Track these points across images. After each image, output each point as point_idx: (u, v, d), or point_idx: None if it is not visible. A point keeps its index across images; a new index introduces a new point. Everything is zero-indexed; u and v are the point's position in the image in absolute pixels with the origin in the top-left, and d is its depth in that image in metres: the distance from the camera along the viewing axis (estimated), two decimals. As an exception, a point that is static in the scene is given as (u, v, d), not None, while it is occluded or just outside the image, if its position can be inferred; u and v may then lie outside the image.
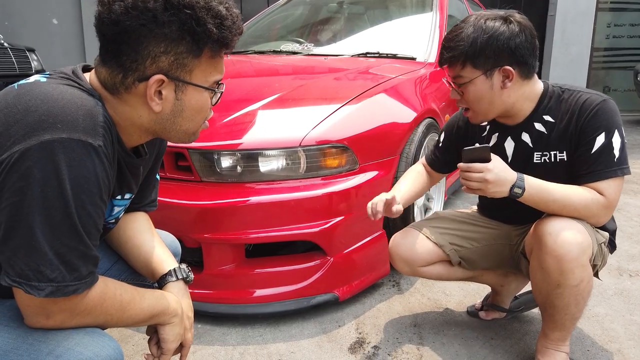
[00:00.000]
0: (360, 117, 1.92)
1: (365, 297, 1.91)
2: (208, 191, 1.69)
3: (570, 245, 1.24)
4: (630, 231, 2.62)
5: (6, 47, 4.71)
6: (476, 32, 1.30)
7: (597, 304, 1.86)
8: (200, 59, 0.90)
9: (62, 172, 0.77)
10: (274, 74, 2.58)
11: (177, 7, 0.84)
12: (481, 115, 1.39)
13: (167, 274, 1.09)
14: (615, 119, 1.30)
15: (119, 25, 0.84)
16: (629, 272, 2.13)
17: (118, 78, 0.88)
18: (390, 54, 2.71)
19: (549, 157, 1.39)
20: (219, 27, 0.87)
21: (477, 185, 1.29)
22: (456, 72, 1.35)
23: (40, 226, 0.77)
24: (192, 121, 0.95)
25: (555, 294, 1.30)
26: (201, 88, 0.92)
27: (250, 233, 1.67)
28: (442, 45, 1.37)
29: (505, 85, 1.32)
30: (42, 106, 0.79)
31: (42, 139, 0.76)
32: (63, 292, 0.80)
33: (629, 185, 3.53)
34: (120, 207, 1.06)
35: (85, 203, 0.80)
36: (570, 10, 6.67)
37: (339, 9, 3.41)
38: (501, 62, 1.30)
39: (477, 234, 1.58)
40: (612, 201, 1.28)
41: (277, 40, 3.20)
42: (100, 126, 0.82)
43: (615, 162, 1.28)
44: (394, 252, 1.58)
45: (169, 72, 0.88)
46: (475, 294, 1.92)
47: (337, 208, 1.74)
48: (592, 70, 7.12)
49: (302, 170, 1.73)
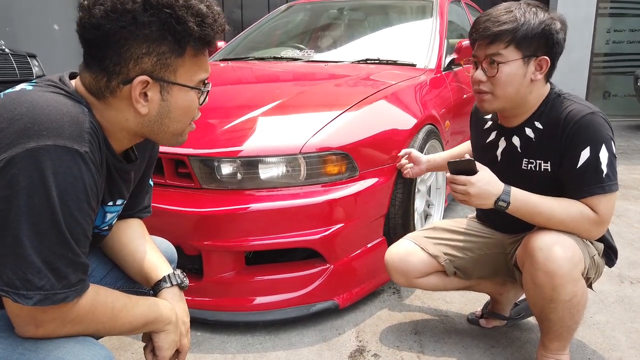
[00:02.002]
0: (360, 124, 1.92)
1: (366, 305, 1.90)
2: (208, 198, 1.69)
3: (560, 260, 1.24)
4: (631, 237, 2.61)
5: (7, 53, 4.72)
6: (529, 14, 1.29)
7: (598, 312, 1.86)
8: (183, 58, 0.90)
9: (48, 180, 0.77)
10: (275, 81, 2.59)
11: (157, 7, 0.84)
12: (500, 101, 1.35)
13: (162, 280, 1.09)
14: (602, 133, 1.27)
15: (100, 29, 0.84)
16: (630, 280, 2.12)
17: (102, 82, 0.88)
18: (390, 60, 2.72)
19: (535, 165, 1.39)
20: (199, 25, 0.87)
21: (461, 197, 1.31)
22: (495, 50, 1.30)
23: (27, 234, 0.77)
24: (179, 122, 0.95)
25: (549, 308, 1.30)
26: (187, 87, 0.92)
27: (251, 240, 1.67)
28: (486, 18, 1.32)
29: (535, 77, 1.32)
30: (28, 114, 0.79)
31: (28, 147, 0.76)
32: (52, 300, 0.80)
33: (629, 191, 3.53)
34: (113, 214, 1.06)
35: (72, 210, 0.80)
36: (570, 16, 6.63)
37: (340, 16, 3.42)
38: (541, 51, 1.30)
39: (471, 243, 1.58)
40: (603, 217, 1.28)
41: (278, 47, 3.21)
42: (86, 132, 0.82)
43: (603, 179, 1.27)
44: (389, 263, 1.59)
45: (153, 73, 0.88)
46: (476, 301, 1.92)
47: (337, 215, 1.74)
48: (592, 75, 7.12)
49: (302, 177, 1.73)
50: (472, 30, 1.36)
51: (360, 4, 3.52)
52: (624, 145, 5.22)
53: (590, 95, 7.18)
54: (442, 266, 1.56)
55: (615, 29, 7.22)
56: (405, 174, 1.89)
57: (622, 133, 6.00)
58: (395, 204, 1.95)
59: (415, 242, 1.59)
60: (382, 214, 1.93)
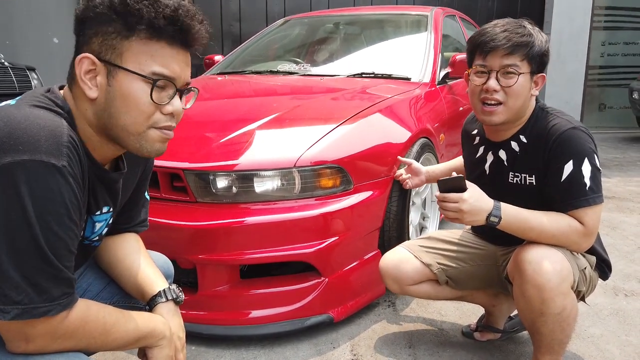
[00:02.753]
0: (355, 138, 1.94)
1: (361, 318, 1.90)
2: (203, 212, 1.70)
3: (549, 274, 1.25)
4: (626, 250, 2.62)
5: (7, 66, 4.75)
6: (540, 34, 1.36)
7: (593, 325, 1.86)
8: (130, 41, 0.87)
9: (23, 195, 0.77)
10: (271, 94, 2.61)
11: None
12: (509, 113, 1.37)
13: (157, 295, 1.09)
14: (585, 146, 1.30)
15: (77, 20, 0.90)
16: (625, 292, 2.13)
17: (69, 70, 0.91)
18: (385, 74, 2.74)
19: (520, 179, 1.41)
20: (151, 6, 0.86)
21: (454, 215, 1.31)
22: (514, 61, 1.33)
23: (5, 250, 0.77)
24: (126, 114, 0.89)
25: (539, 321, 1.31)
26: (133, 74, 0.88)
27: (245, 254, 1.67)
28: (502, 30, 1.34)
29: (534, 93, 1.39)
30: (4, 129, 0.79)
31: (3, 162, 0.76)
32: (31, 314, 0.80)
33: (625, 203, 3.54)
34: (102, 222, 1.06)
35: (51, 225, 0.80)
36: (565, 29, 6.76)
37: (336, 30, 3.46)
38: (540, 69, 1.37)
39: (464, 254, 1.59)
40: (590, 228, 1.30)
41: (275, 60, 3.24)
42: (64, 146, 0.82)
43: (586, 192, 1.28)
44: (383, 270, 1.61)
45: (100, 54, 0.88)
46: (471, 314, 1.92)
47: (331, 228, 1.75)
48: (587, 87, 7.18)
49: (297, 191, 1.74)
50: (483, 39, 1.35)
51: (356, 19, 3.56)
52: (620, 157, 5.25)
53: (585, 107, 7.23)
54: (434, 275, 1.58)
55: (610, 42, 7.30)
56: (405, 185, 1.90)
57: (618, 145, 6.04)
58: (390, 217, 1.96)
59: (410, 250, 1.61)
60: (376, 227, 1.94)
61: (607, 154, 5.41)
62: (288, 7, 6.76)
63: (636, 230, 2.93)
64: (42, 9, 6.56)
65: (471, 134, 1.59)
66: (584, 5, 6.72)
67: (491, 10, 7.08)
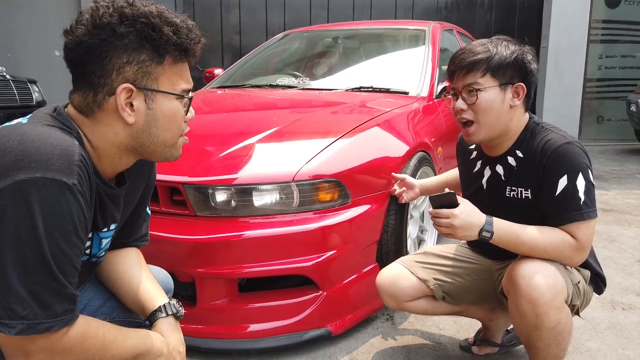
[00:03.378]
0: (353, 152, 1.96)
1: (359, 332, 1.90)
2: (202, 225, 1.71)
3: (542, 288, 1.26)
4: (624, 263, 2.63)
5: (8, 79, 4.79)
6: (501, 46, 1.37)
7: (590, 339, 1.86)
8: (163, 66, 0.94)
9: (34, 211, 0.79)
10: (270, 108, 2.63)
11: (132, 19, 0.90)
12: (484, 130, 1.39)
13: (157, 310, 1.10)
14: (579, 161, 1.32)
15: (82, 46, 0.89)
16: (622, 306, 2.13)
17: (90, 98, 0.92)
18: (383, 88, 2.77)
19: (517, 193, 1.42)
20: (175, 33, 0.93)
21: (446, 230, 1.33)
22: (473, 79, 1.37)
23: (13, 264, 0.79)
24: (167, 131, 0.98)
25: (534, 335, 1.32)
26: (170, 95, 0.96)
27: (244, 267, 1.68)
28: (462, 52, 1.40)
29: (514, 104, 1.38)
30: (19, 147, 0.81)
31: (17, 179, 0.79)
32: (35, 330, 0.81)
33: (623, 216, 3.55)
34: (107, 239, 1.07)
35: (59, 241, 0.82)
36: (563, 43, 6.82)
37: (335, 44, 3.50)
38: (516, 79, 1.37)
39: (460, 269, 1.60)
40: (583, 243, 1.31)
41: (274, 74, 3.27)
42: (75, 165, 0.84)
43: (581, 206, 1.30)
44: (380, 286, 1.61)
45: (135, 81, 0.92)
46: (469, 328, 1.92)
47: (329, 242, 1.76)
48: (585, 100, 7.24)
49: (295, 205, 1.75)
50: (449, 63, 1.43)
51: (355, 33, 3.61)
52: (618, 170, 5.27)
53: (584, 120, 7.28)
54: (431, 290, 1.58)
55: (607, 55, 7.36)
56: (401, 200, 1.92)
57: (617, 157, 6.06)
58: (387, 230, 1.97)
59: (406, 266, 1.61)
60: (374, 241, 1.95)
61: (605, 167, 5.43)
62: (288, 20, 6.84)
63: (634, 243, 2.94)
64: (44, 22, 6.63)
65: (468, 148, 1.61)
66: (581, 18, 6.79)
67: (489, 23, 7.15)
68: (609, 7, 7.24)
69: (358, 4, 6.93)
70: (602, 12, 7.23)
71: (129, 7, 0.91)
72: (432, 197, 1.35)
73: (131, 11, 0.90)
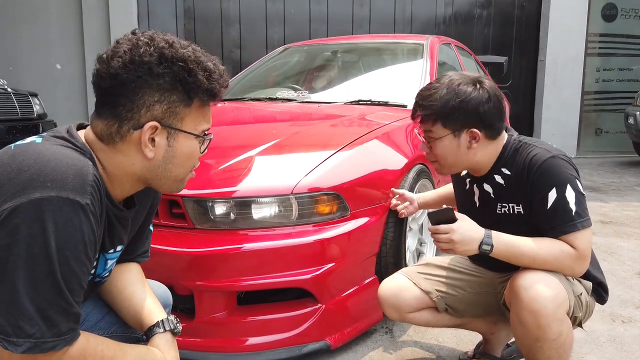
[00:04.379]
0: (351, 164, 1.97)
1: (358, 345, 1.90)
2: (201, 238, 1.71)
3: (544, 300, 1.26)
4: (623, 275, 2.63)
5: (9, 92, 4.82)
6: (449, 94, 1.38)
7: (590, 352, 1.85)
8: (190, 108, 0.97)
9: (48, 230, 0.80)
10: (270, 121, 2.65)
11: (171, 61, 0.92)
12: (446, 169, 1.48)
13: (155, 325, 1.10)
14: (565, 174, 1.33)
15: (117, 79, 0.90)
16: (622, 318, 2.13)
17: (114, 128, 0.93)
18: (382, 101, 2.79)
19: (508, 208, 1.44)
20: (208, 79, 0.96)
21: (446, 246, 1.34)
22: (427, 128, 1.43)
23: (23, 282, 0.79)
24: (182, 167, 1.01)
25: (536, 347, 1.31)
26: (191, 135, 0.99)
27: (243, 280, 1.68)
28: (416, 102, 1.46)
29: (471, 146, 1.40)
30: (35, 166, 0.83)
31: (32, 197, 0.80)
32: (41, 349, 0.81)
33: (622, 228, 3.55)
34: (113, 260, 1.09)
35: (69, 260, 0.83)
36: (560, 56, 6.88)
37: (334, 58, 3.53)
38: (469, 124, 1.38)
39: (463, 281, 1.60)
40: (582, 252, 1.31)
41: (274, 87, 3.30)
42: (89, 185, 0.86)
43: (573, 216, 1.31)
44: (382, 298, 1.60)
45: (162, 119, 0.94)
46: (468, 341, 1.92)
47: (328, 255, 1.76)
48: (583, 112, 7.28)
49: (294, 217, 1.76)
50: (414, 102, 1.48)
51: (354, 47, 3.64)
52: (617, 182, 5.28)
53: (582, 132, 7.32)
54: (434, 302, 1.58)
55: (605, 68, 7.42)
56: (401, 215, 1.92)
57: (615, 169, 6.08)
58: (386, 243, 1.97)
59: (409, 277, 1.61)
60: (373, 253, 1.95)
61: (604, 179, 5.44)
62: (287, 34, 6.90)
63: (633, 256, 2.94)
64: (45, 36, 6.69)
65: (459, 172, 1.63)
66: (578, 32, 6.86)
67: (487, 37, 7.22)
68: (606, 20, 7.32)
69: (357, 19, 7.00)
70: (599, 26, 7.30)
71: (169, 47, 0.93)
72: (430, 213, 1.37)
73: (170, 53, 0.92)
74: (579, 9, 6.81)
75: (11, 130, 4.63)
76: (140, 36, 0.93)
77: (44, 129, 5.08)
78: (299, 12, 6.95)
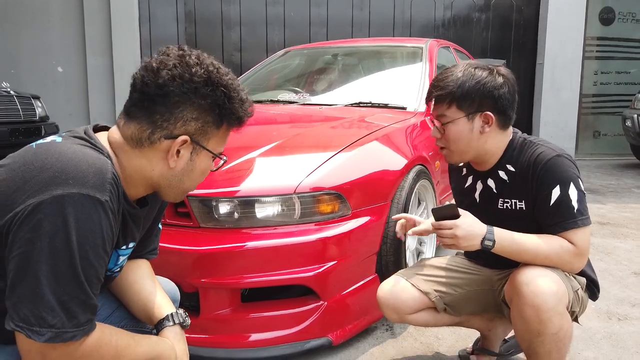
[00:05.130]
0: (353, 165, 2.01)
1: (359, 342, 1.93)
2: (206, 237, 1.75)
3: (546, 294, 1.30)
4: (620, 275, 2.67)
5: (12, 94, 4.86)
6: (465, 76, 1.41)
7: (586, 348, 1.89)
8: (219, 130, 1.05)
9: (69, 225, 0.84)
10: (271, 123, 2.69)
11: (216, 85, 0.99)
12: (456, 156, 1.49)
13: (164, 319, 1.15)
14: (569, 172, 1.38)
15: (163, 89, 0.96)
16: (618, 316, 2.17)
17: (146, 133, 0.98)
18: (382, 103, 2.83)
19: (510, 204, 1.48)
20: (241, 107, 1.04)
21: (449, 242, 1.38)
22: (441, 111, 1.44)
23: (46, 275, 0.83)
24: (193, 181, 1.08)
25: (536, 342, 1.35)
26: (210, 154, 1.06)
27: (247, 278, 1.72)
28: (432, 84, 1.47)
29: (484, 130, 1.43)
30: (57, 164, 0.88)
31: (54, 194, 0.84)
32: (62, 338, 0.85)
33: (619, 229, 3.59)
34: (124, 256, 1.13)
35: (88, 254, 0.87)
36: (558, 58, 6.93)
37: (334, 61, 3.57)
38: (483, 107, 1.41)
39: (460, 280, 1.63)
40: (581, 249, 1.36)
41: (275, 90, 3.34)
42: (108, 183, 0.90)
43: (575, 214, 1.35)
44: (381, 300, 1.63)
45: (193, 135, 1.00)
46: (467, 337, 1.95)
47: (330, 253, 1.80)
48: (581, 115, 7.33)
49: (296, 216, 1.80)
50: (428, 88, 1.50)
51: (354, 50, 3.69)
52: (614, 184, 5.32)
53: (580, 135, 7.37)
54: (432, 302, 1.61)
55: (602, 71, 7.48)
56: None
57: (613, 171, 6.12)
58: (387, 242, 2.01)
59: (407, 279, 1.63)
60: (374, 252, 1.99)
61: (602, 181, 5.48)
62: (287, 38, 6.95)
63: (630, 256, 2.98)
64: (47, 39, 6.72)
65: (458, 167, 1.67)
66: (576, 35, 6.91)
67: (485, 40, 7.27)
68: (603, 24, 7.38)
69: (356, 22, 7.05)
70: (597, 29, 7.36)
71: (216, 71, 1.00)
72: (434, 209, 1.40)
73: (217, 77, 0.99)
74: (577, 13, 6.87)
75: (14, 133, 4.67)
76: (191, 54, 0.99)
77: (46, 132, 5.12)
78: (299, 15, 7.00)
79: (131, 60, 6.60)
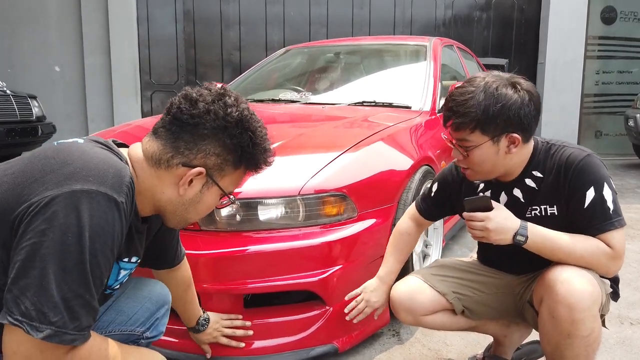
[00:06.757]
0: (358, 166, 1.95)
1: (365, 348, 1.88)
2: (207, 240, 1.69)
3: (582, 294, 1.24)
4: (629, 277, 2.61)
5: (9, 94, 4.80)
6: (488, 99, 1.30)
7: (599, 354, 1.83)
8: (235, 171, 1.06)
9: (83, 219, 0.83)
10: (273, 122, 2.63)
11: (244, 128, 1.02)
12: (481, 175, 1.42)
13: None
14: (601, 172, 1.33)
15: (195, 119, 0.99)
16: (630, 320, 2.11)
17: (166, 156, 1.00)
18: (386, 102, 2.78)
19: (540, 211, 1.41)
20: (262, 156, 1.06)
21: (480, 234, 1.32)
22: (463, 136, 1.34)
23: (54, 268, 0.81)
24: (198, 214, 1.09)
25: (565, 344, 1.28)
26: (222, 192, 1.07)
27: (249, 283, 1.66)
28: (450, 109, 1.35)
29: (510, 151, 1.35)
30: (78, 161, 0.89)
31: (73, 188, 0.84)
32: (60, 339, 0.82)
33: (626, 230, 3.53)
34: (126, 271, 1.10)
35: (97, 252, 0.86)
36: (560, 59, 6.89)
37: (336, 59, 3.52)
38: (509, 129, 1.32)
39: (479, 283, 1.57)
40: (618, 251, 1.30)
41: (276, 89, 3.28)
42: (125, 185, 0.91)
43: (611, 215, 1.30)
44: (396, 301, 1.56)
45: (210, 169, 1.02)
46: (476, 343, 1.90)
47: (336, 257, 1.74)
48: (583, 115, 7.28)
49: (301, 219, 1.74)
50: (443, 107, 1.40)
51: (356, 48, 3.63)
52: (618, 184, 5.27)
53: (582, 135, 7.32)
54: (450, 304, 1.54)
55: (604, 71, 7.43)
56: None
57: (616, 172, 6.07)
58: (393, 245, 1.95)
59: (423, 279, 1.56)
60: (380, 255, 1.92)
61: (605, 181, 5.43)
62: (287, 36, 6.90)
63: (638, 257, 2.93)
64: (44, 39, 6.67)
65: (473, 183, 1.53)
66: (577, 35, 6.87)
67: (487, 40, 7.23)
68: (605, 23, 7.33)
69: (357, 21, 7.00)
70: (599, 29, 7.32)
71: (250, 117, 1.03)
72: (466, 200, 1.34)
73: (247, 122, 1.02)
74: (579, 12, 6.83)
75: (10, 133, 4.61)
76: (230, 95, 1.03)
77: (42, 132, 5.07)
78: (298, 14, 6.95)
79: (129, 60, 6.55)
